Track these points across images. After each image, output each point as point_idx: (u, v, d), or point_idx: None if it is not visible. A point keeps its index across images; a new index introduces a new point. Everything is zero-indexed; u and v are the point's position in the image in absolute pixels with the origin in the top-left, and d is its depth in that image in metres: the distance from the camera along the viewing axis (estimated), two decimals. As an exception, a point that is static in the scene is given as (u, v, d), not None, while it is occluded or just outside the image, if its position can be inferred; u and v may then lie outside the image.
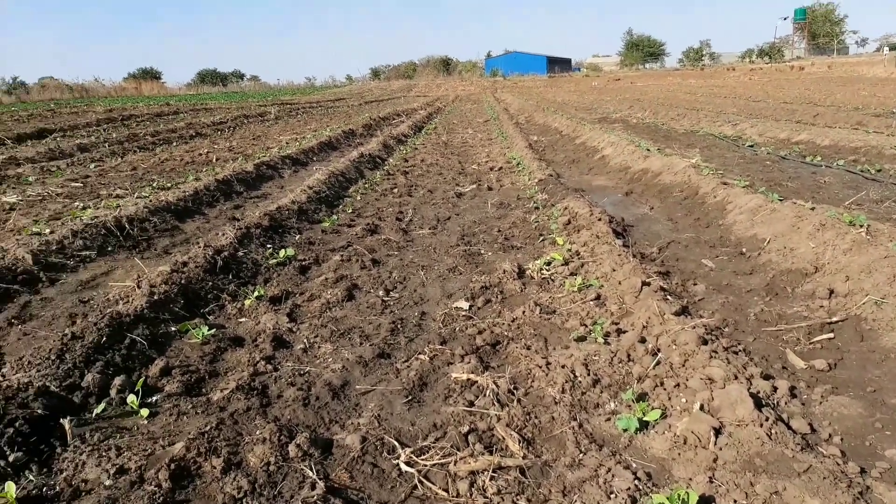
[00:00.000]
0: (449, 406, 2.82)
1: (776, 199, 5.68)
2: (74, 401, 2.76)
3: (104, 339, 3.15)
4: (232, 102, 40.29)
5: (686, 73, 72.99)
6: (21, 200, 7.38)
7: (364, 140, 15.40)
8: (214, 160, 10.85)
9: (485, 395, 2.87)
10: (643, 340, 3.26)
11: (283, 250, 5.03)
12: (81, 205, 6.97)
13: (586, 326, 3.60)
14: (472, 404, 2.82)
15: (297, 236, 5.75)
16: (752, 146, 11.28)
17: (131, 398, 2.79)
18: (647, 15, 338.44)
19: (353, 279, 4.64)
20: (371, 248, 5.46)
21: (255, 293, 4.20)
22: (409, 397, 2.93)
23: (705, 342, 3.09)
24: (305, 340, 3.56)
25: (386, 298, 4.31)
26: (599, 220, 5.58)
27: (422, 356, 3.34)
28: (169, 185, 8.10)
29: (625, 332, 3.45)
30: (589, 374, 3.01)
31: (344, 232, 6.09)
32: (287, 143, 13.46)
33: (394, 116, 22.73)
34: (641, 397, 2.82)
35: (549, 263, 4.76)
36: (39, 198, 7.52)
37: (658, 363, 3.02)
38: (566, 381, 2.92)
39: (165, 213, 6.31)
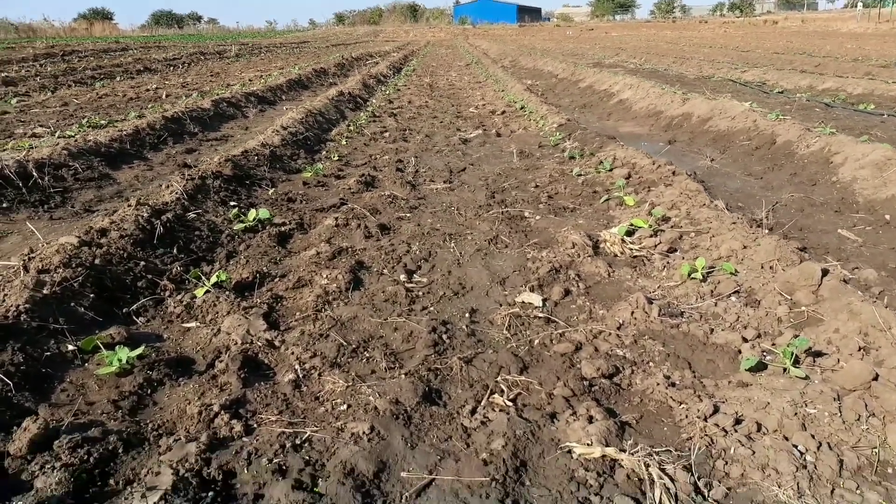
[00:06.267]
0: (596, 531, 1.47)
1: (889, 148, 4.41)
2: None
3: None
4: (188, 43, 37.54)
5: (659, 25, 71.50)
6: None
7: (338, 80, 13.69)
8: (164, 97, 9.10)
9: (651, 497, 1.53)
10: (876, 377, 1.94)
11: (252, 210, 3.54)
12: (-18, 145, 5.33)
13: (748, 342, 2.26)
14: (634, 523, 1.48)
15: (271, 190, 4.26)
16: (781, 93, 10.01)
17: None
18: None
19: (357, 253, 3.22)
20: (373, 207, 4.02)
21: (214, 278, 2.74)
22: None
23: None
24: (297, 365, 2.15)
25: (410, 285, 2.90)
26: (675, 173, 4.23)
27: (497, 397, 1.98)
28: (104, 122, 6.44)
29: (823, 354, 2.12)
30: (819, 447, 1.69)
31: (332, 185, 4.62)
32: (251, 80, 11.71)
33: (367, 57, 20.84)
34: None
35: (630, 233, 3.41)
36: (-69, 136, 5.83)
37: (935, 427, 1.71)
38: (795, 469, 1.59)
39: (93, 156, 4.73)
